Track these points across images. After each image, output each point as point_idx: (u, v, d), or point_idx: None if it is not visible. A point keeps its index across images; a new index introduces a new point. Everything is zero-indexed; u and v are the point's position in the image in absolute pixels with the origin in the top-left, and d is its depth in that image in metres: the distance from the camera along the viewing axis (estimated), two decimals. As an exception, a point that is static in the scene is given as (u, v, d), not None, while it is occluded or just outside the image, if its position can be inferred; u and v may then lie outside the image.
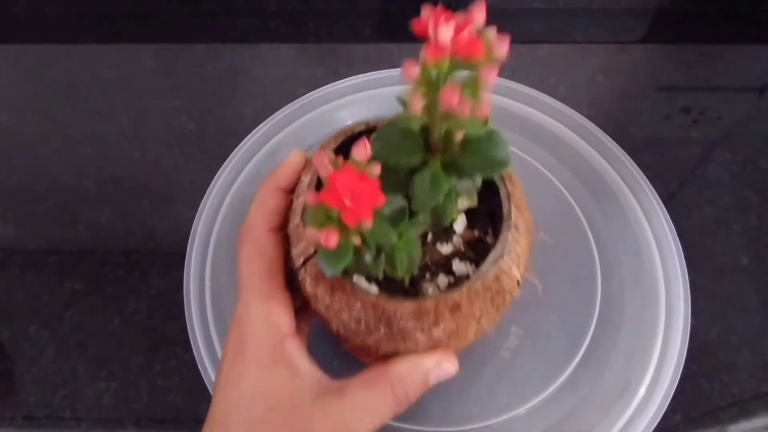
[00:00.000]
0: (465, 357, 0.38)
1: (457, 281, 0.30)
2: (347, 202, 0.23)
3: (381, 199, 0.24)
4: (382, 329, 0.28)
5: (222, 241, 0.43)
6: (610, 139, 0.46)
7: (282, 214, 0.32)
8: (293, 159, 0.33)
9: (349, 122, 0.48)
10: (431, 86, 0.24)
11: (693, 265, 0.41)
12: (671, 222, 0.43)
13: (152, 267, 0.45)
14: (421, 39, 0.23)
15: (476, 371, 0.39)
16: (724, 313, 0.43)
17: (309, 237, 0.25)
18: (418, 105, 0.24)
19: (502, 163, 0.27)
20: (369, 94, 0.49)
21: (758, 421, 0.40)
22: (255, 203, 0.32)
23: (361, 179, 0.24)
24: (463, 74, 0.24)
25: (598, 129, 0.47)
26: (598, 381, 0.38)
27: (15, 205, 0.49)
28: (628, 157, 0.45)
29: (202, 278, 0.42)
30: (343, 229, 0.24)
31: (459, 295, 0.28)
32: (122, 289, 0.45)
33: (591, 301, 0.41)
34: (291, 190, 0.33)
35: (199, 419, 0.39)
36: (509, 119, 0.48)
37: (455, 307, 0.28)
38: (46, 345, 0.43)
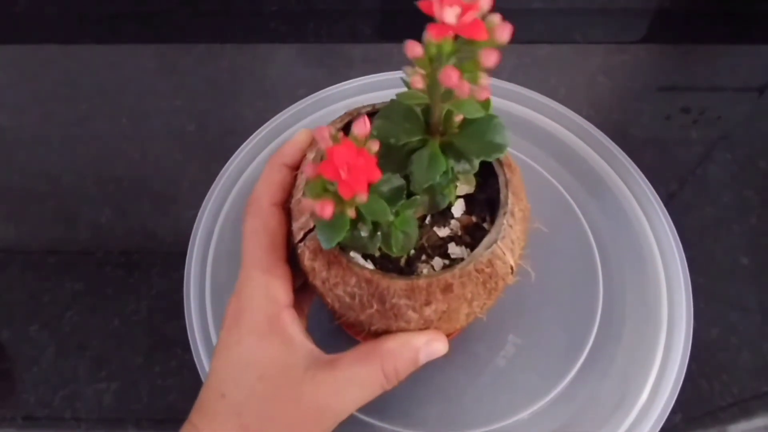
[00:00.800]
0: (461, 366, 0.39)
1: (453, 264, 0.31)
2: (343, 174, 0.24)
3: (377, 175, 0.24)
4: (375, 305, 0.28)
5: (223, 242, 0.43)
6: (609, 139, 0.46)
7: (287, 190, 0.33)
8: (300, 137, 0.34)
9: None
10: (432, 65, 0.24)
11: (693, 266, 0.41)
12: (672, 223, 0.43)
13: (152, 267, 0.45)
14: (428, 17, 0.23)
15: (471, 379, 0.39)
16: (724, 313, 0.43)
17: (305, 206, 0.26)
18: (418, 82, 0.24)
19: (499, 147, 0.27)
20: (373, 96, 0.49)
21: (758, 421, 0.40)
22: (261, 178, 0.33)
23: (359, 154, 0.24)
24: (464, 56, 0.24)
25: (597, 130, 0.47)
26: (599, 386, 0.38)
27: (15, 205, 0.49)
28: (628, 158, 0.45)
29: (202, 278, 0.42)
30: (339, 201, 0.25)
31: (451, 276, 0.28)
32: (122, 290, 0.45)
33: (593, 303, 0.41)
34: (296, 167, 0.34)
35: (199, 419, 0.39)
36: (508, 121, 0.47)
37: (447, 288, 0.28)
38: (46, 345, 0.43)
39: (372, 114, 0.34)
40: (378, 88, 0.49)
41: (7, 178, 0.50)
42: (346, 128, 0.33)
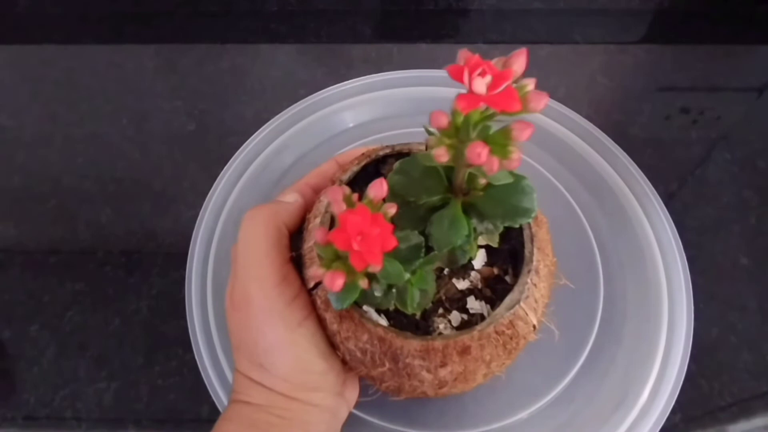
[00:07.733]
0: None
1: (471, 319, 0.29)
2: (356, 245, 0.22)
3: (392, 243, 0.23)
4: (387, 364, 0.27)
5: (225, 241, 0.43)
6: (610, 139, 0.46)
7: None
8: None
9: (351, 124, 0.48)
10: (459, 135, 0.22)
11: (693, 265, 0.41)
12: (672, 223, 0.43)
13: (153, 267, 0.45)
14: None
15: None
16: (724, 313, 0.43)
17: (314, 275, 0.24)
18: (442, 156, 0.22)
19: (526, 212, 0.25)
20: (373, 96, 0.49)
21: (758, 421, 0.40)
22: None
23: (374, 221, 0.22)
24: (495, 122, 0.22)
25: (598, 130, 0.47)
26: (599, 386, 0.38)
27: (15, 205, 0.49)
28: (629, 158, 0.45)
29: (203, 278, 0.42)
30: (351, 270, 0.23)
31: (469, 338, 0.27)
32: (123, 290, 0.45)
33: (593, 303, 0.41)
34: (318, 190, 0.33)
35: (199, 419, 0.40)
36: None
37: (464, 350, 0.27)
38: (46, 345, 0.43)
39: (391, 156, 0.32)
40: (378, 88, 0.49)
41: (7, 178, 0.50)
42: (363, 172, 0.32)
